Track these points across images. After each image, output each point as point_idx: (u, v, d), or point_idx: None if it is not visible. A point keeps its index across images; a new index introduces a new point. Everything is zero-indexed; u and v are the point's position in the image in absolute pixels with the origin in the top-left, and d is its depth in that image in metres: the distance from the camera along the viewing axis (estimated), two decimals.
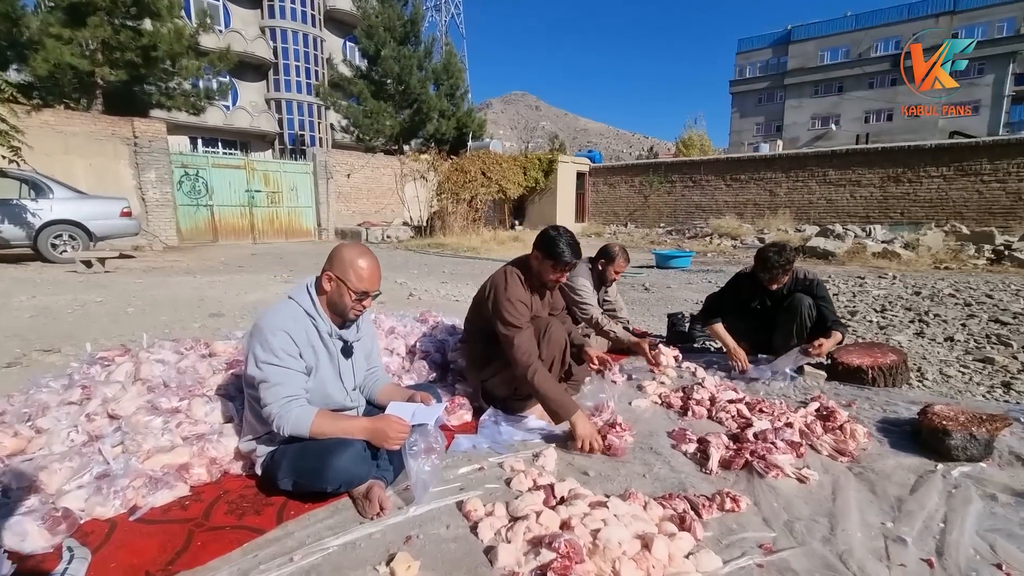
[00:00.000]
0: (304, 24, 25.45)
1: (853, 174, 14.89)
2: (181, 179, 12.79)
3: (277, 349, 1.62)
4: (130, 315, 4.20)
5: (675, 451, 2.18)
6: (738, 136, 45.59)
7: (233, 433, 1.86)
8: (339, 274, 1.71)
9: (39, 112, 10.54)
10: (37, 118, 10.43)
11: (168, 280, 6.24)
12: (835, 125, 40.85)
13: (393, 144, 20.24)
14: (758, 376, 3.01)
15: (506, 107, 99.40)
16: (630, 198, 19.04)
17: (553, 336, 2.36)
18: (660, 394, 2.78)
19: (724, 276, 7.90)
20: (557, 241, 2.30)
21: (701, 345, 3.82)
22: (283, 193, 14.83)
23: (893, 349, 3.01)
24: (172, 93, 13.00)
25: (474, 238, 13.41)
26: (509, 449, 2.17)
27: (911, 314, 4.71)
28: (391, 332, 2.99)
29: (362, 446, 1.63)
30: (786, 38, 43.70)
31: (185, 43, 12.08)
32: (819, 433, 2.29)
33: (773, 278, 2.90)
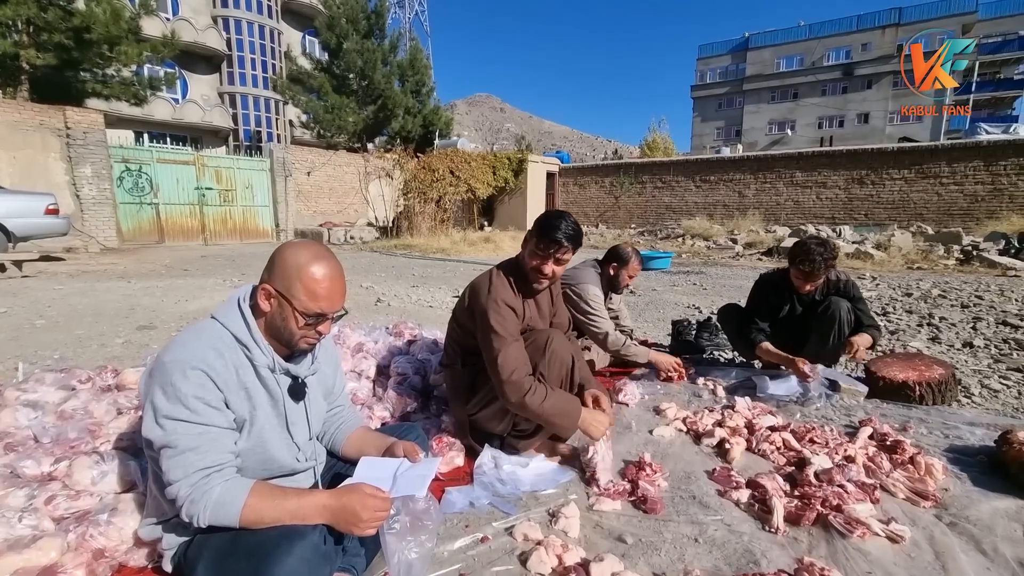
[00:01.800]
0: (260, 15, 24.22)
1: (819, 176, 15.09)
2: (122, 175, 11.70)
3: (188, 397, 1.07)
4: (37, 329, 3.48)
5: (724, 500, 1.74)
6: (700, 140, 46.46)
7: (134, 509, 1.30)
8: (282, 288, 1.18)
9: None
10: None
11: (96, 286, 5.44)
12: (791, 130, 42.14)
13: (356, 141, 19.36)
14: (787, 394, 2.62)
15: (471, 108, 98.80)
16: (600, 199, 18.83)
17: (556, 352, 1.86)
18: (684, 419, 2.34)
19: (706, 278, 7.64)
20: (553, 219, 1.83)
21: (710, 356, 3.42)
22: (237, 191, 13.84)
23: (937, 360, 2.67)
24: (109, 81, 11.86)
25: (443, 239, 12.82)
26: (517, 505, 1.68)
27: (915, 317, 4.47)
28: (359, 350, 2.44)
29: (320, 537, 1.10)
30: (744, 45, 44.84)
31: (124, 26, 11.00)
32: (887, 469, 1.89)
33: (812, 275, 2.51)
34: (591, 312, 2.74)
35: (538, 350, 1.84)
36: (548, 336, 1.87)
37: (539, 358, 1.84)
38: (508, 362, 1.74)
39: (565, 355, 1.86)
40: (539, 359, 1.84)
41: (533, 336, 1.87)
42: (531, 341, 1.85)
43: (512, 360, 1.75)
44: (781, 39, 43.10)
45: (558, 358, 1.84)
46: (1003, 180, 12.75)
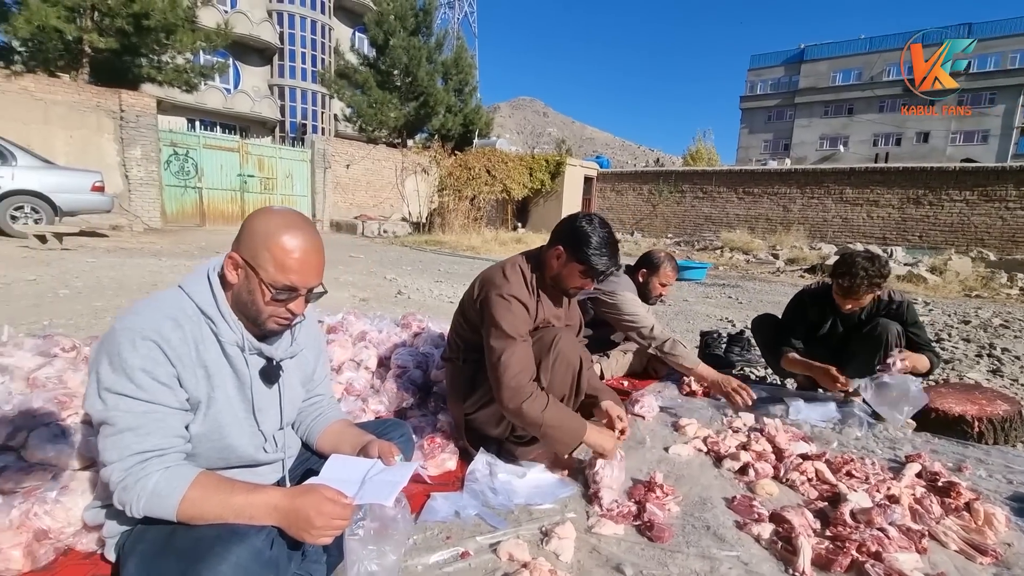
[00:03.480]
0: (313, 11, 24.88)
1: (871, 193, 14.34)
2: (169, 158, 12.11)
3: (135, 370, 0.96)
4: (60, 298, 3.53)
5: (743, 534, 1.53)
6: (746, 152, 45.18)
7: (87, 489, 1.20)
8: (248, 257, 1.04)
9: (19, 77, 9.85)
10: (16, 83, 9.75)
11: (127, 262, 5.57)
12: (843, 146, 40.51)
13: (396, 137, 19.59)
14: (823, 419, 2.37)
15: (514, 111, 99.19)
16: (638, 206, 18.44)
17: (563, 353, 1.68)
18: (706, 438, 2.13)
19: (742, 291, 7.29)
20: (590, 237, 1.65)
21: (741, 372, 3.17)
22: (277, 180, 14.16)
23: (1001, 394, 2.37)
24: (164, 67, 12.32)
25: (474, 237, 12.75)
26: (507, 519, 1.52)
27: (973, 346, 4.08)
28: (361, 338, 2.33)
29: (265, 541, 0.96)
30: (799, 57, 43.38)
31: (180, 14, 11.42)
32: (938, 514, 1.64)
33: (851, 292, 2.23)
34: (628, 312, 2.49)
35: (544, 348, 1.68)
36: (556, 334, 1.70)
37: (544, 357, 1.68)
38: (511, 364, 1.59)
39: (572, 357, 1.69)
40: (544, 358, 1.67)
41: (540, 334, 1.71)
42: (537, 338, 1.69)
43: (516, 362, 1.60)
44: (839, 51, 41.50)
45: (564, 359, 1.67)
46: None
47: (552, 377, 1.65)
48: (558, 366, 1.66)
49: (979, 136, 35.94)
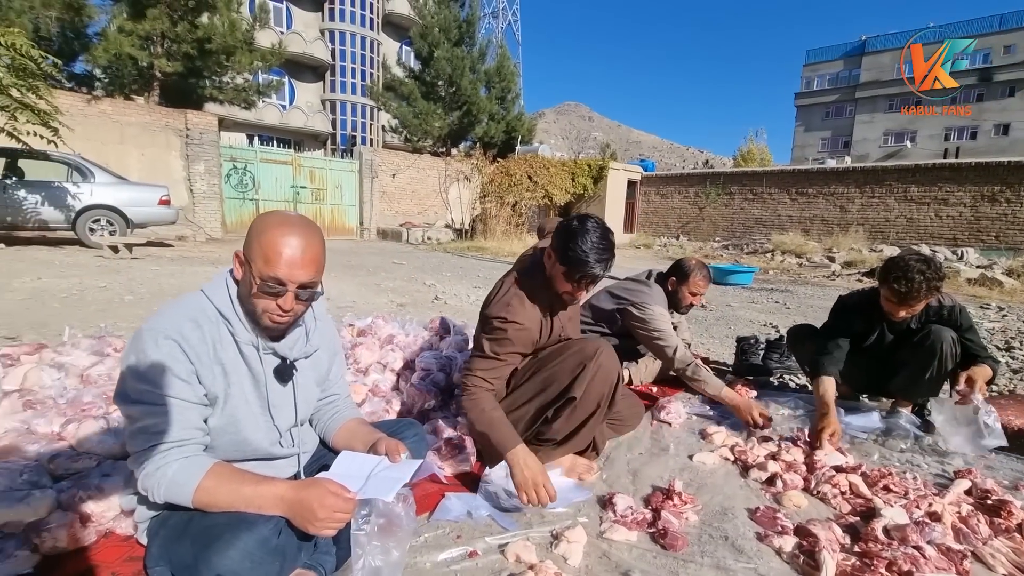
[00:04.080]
0: (362, 27, 25.87)
1: (939, 191, 13.37)
2: (229, 172, 12.88)
3: (156, 366, 1.04)
4: (125, 303, 3.84)
5: (763, 546, 1.47)
6: (801, 151, 43.21)
7: (126, 478, 1.30)
8: (246, 252, 1.11)
9: (98, 101, 10.77)
10: (96, 107, 10.67)
11: (187, 269, 5.97)
12: (910, 142, 38.01)
13: (441, 146, 20.02)
14: (865, 428, 2.24)
15: (559, 117, 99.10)
16: (683, 209, 17.98)
17: (604, 366, 1.65)
18: (733, 447, 2.06)
19: (791, 296, 6.97)
20: (577, 239, 1.56)
21: (780, 380, 3.05)
22: (327, 190, 14.77)
23: None
24: (224, 87, 13.16)
25: (516, 243, 12.82)
26: (518, 522, 1.53)
27: None
28: (389, 341, 2.41)
29: (272, 530, 1.02)
30: (860, 49, 41.16)
31: (239, 37, 12.17)
32: (985, 535, 1.52)
33: (908, 298, 2.05)
34: (655, 328, 2.41)
35: (586, 358, 1.67)
36: (598, 347, 1.69)
37: (586, 364, 1.65)
38: (478, 367, 1.70)
39: (611, 371, 1.68)
40: (583, 368, 1.65)
41: (580, 344, 1.72)
42: (577, 348, 1.70)
43: (483, 369, 1.69)
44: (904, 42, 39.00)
45: (604, 371, 1.66)
46: None
47: (589, 388, 1.65)
48: (597, 379, 1.65)
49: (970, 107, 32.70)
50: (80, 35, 11.29)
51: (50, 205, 7.57)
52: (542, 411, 1.72)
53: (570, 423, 1.70)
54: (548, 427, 1.73)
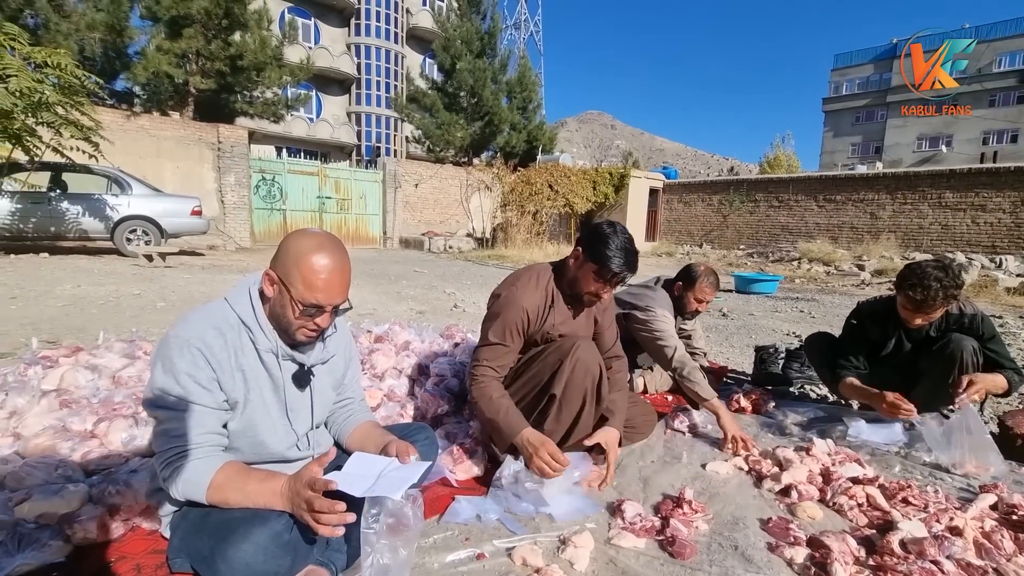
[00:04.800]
0: (387, 41, 26.47)
1: (976, 197, 12.92)
2: (258, 183, 13.29)
3: (181, 373, 1.10)
4: (158, 310, 4.00)
5: (774, 556, 1.46)
6: (830, 157, 42.24)
7: (152, 473, 1.37)
8: (282, 275, 1.16)
9: (137, 117, 11.28)
10: (135, 123, 11.17)
11: (216, 277, 6.18)
12: (946, 146, 36.83)
13: (463, 156, 20.27)
14: (886, 442, 2.19)
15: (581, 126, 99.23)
16: (707, 217, 17.76)
17: (582, 360, 1.69)
18: (747, 456, 2.04)
19: (817, 305, 6.81)
20: (608, 240, 1.68)
21: (799, 390, 2.99)
22: (352, 200, 15.09)
23: None
24: (255, 102, 13.63)
25: (536, 252, 12.86)
26: (527, 526, 1.55)
27: None
28: (405, 347, 2.46)
29: (285, 525, 1.06)
30: (891, 52, 40.14)
31: (269, 54, 12.61)
32: (1009, 551, 1.47)
33: (925, 306, 2.02)
34: (656, 328, 2.40)
35: (563, 354, 1.70)
36: (575, 343, 1.72)
37: (563, 361, 1.70)
38: (484, 355, 1.76)
39: (592, 364, 1.70)
40: (563, 361, 1.70)
41: (559, 342, 1.74)
42: (556, 346, 1.73)
43: (489, 356, 1.75)
44: (939, 43, 37.99)
45: (583, 365, 1.69)
46: None
47: (570, 382, 1.67)
48: (576, 373, 1.67)
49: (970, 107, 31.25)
50: (121, 54, 11.86)
51: (91, 216, 7.94)
52: (529, 412, 1.75)
53: (560, 423, 1.72)
54: (540, 430, 1.75)
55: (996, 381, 2.02)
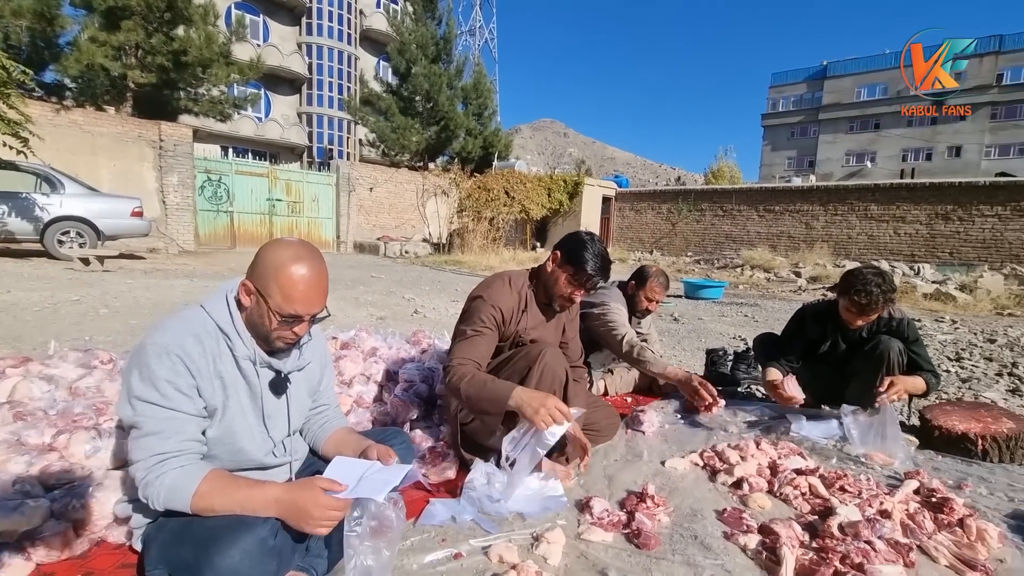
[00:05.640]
0: (340, 42, 25.94)
1: (897, 210, 14.07)
2: (203, 184, 12.72)
3: (160, 380, 1.09)
4: (100, 316, 3.78)
5: (729, 544, 1.58)
6: (769, 169, 44.70)
7: (118, 487, 1.34)
8: (260, 286, 1.17)
9: (68, 111, 10.56)
10: (66, 117, 10.45)
11: (162, 283, 5.88)
12: (871, 162, 39.75)
13: (418, 160, 20.12)
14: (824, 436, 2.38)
15: (534, 133, 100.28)
16: (657, 225, 18.43)
17: (549, 366, 1.77)
18: (702, 452, 2.18)
19: (760, 310, 7.23)
20: (586, 246, 1.80)
21: (747, 390, 3.19)
22: (304, 203, 14.69)
23: (1009, 413, 2.35)
24: (200, 99, 13.03)
25: (493, 257, 12.94)
26: (501, 525, 1.60)
27: (995, 365, 4.00)
28: (372, 354, 2.46)
29: (270, 531, 1.08)
30: (822, 73, 43.05)
31: (216, 50, 12.11)
32: (930, 530, 1.66)
33: (868, 309, 2.23)
34: (609, 321, 2.55)
35: (531, 361, 1.78)
36: (542, 349, 1.80)
37: (531, 368, 1.77)
38: (458, 349, 1.77)
39: (558, 369, 1.78)
40: (531, 369, 1.77)
41: (527, 348, 1.81)
42: (524, 352, 1.79)
43: (462, 349, 1.75)
44: (863, 67, 41.02)
45: (550, 371, 1.76)
46: None
47: (539, 386, 1.74)
48: (544, 378, 1.74)
49: (1016, 149, 34.86)
50: (51, 44, 11.07)
51: (17, 216, 7.36)
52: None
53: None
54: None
55: (915, 383, 2.25)
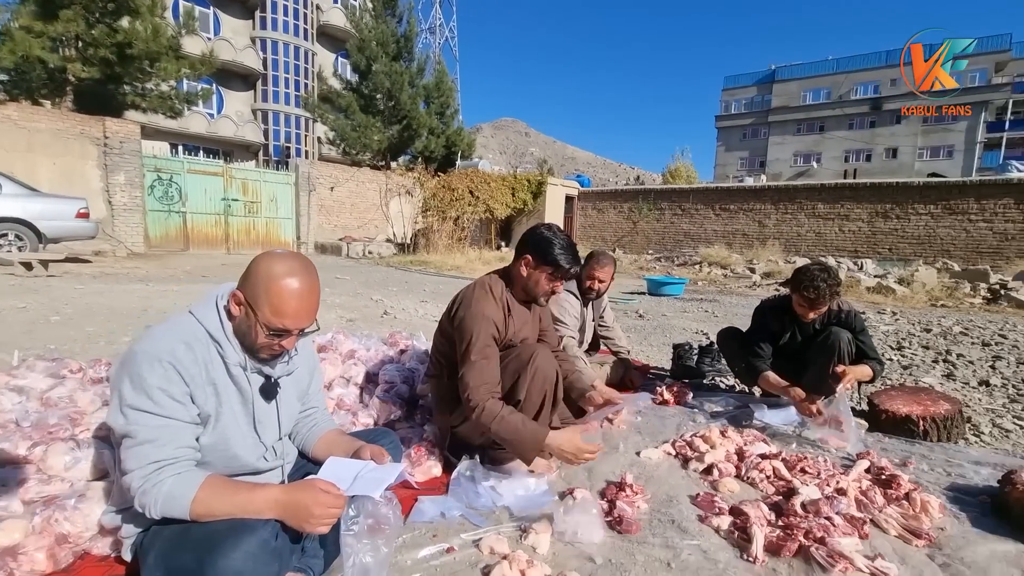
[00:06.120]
0: (296, 37, 25.23)
1: (842, 208, 14.87)
2: (153, 183, 12.14)
3: (153, 388, 1.09)
4: (52, 324, 3.60)
5: (704, 526, 1.68)
6: (723, 169, 46.28)
7: (101, 497, 1.31)
8: (250, 298, 1.18)
9: (2, 106, 9.89)
10: None
11: (114, 287, 5.61)
12: (816, 163, 41.75)
13: (380, 159, 19.82)
14: (784, 423, 2.54)
15: (496, 132, 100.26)
16: (619, 224, 18.83)
17: (540, 367, 1.83)
18: (674, 442, 2.29)
19: (719, 305, 7.53)
20: (553, 242, 1.84)
21: (711, 381, 3.35)
22: (262, 203, 14.23)
23: (944, 396, 2.57)
24: (148, 95, 12.43)
25: (459, 257, 12.92)
26: (489, 519, 1.66)
27: (931, 353, 4.32)
28: (351, 356, 2.46)
29: (271, 533, 1.09)
30: (771, 77, 44.89)
31: (164, 43, 11.58)
32: (880, 504, 1.81)
33: (817, 303, 2.43)
34: (561, 323, 2.71)
35: (522, 364, 1.82)
36: (533, 351, 1.85)
37: (522, 372, 1.82)
38: (468, 381, 1.73)
39: (549, 371, 1.84)
40: (522, 373, 1.82)
41: (518, 351, 1.86)
42: (515, 355, 1.84)
43: (472, 378, 1.73)
44: (808, 72, 43.04)
45: (541, 373, 1.82)
46: None
47: (530, 390, 1.80)
48: (535, 380, 1.80)
49: (945, 151, 37.37)
50: None
51: None
52: None
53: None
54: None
55: (863, 371, 2.45)
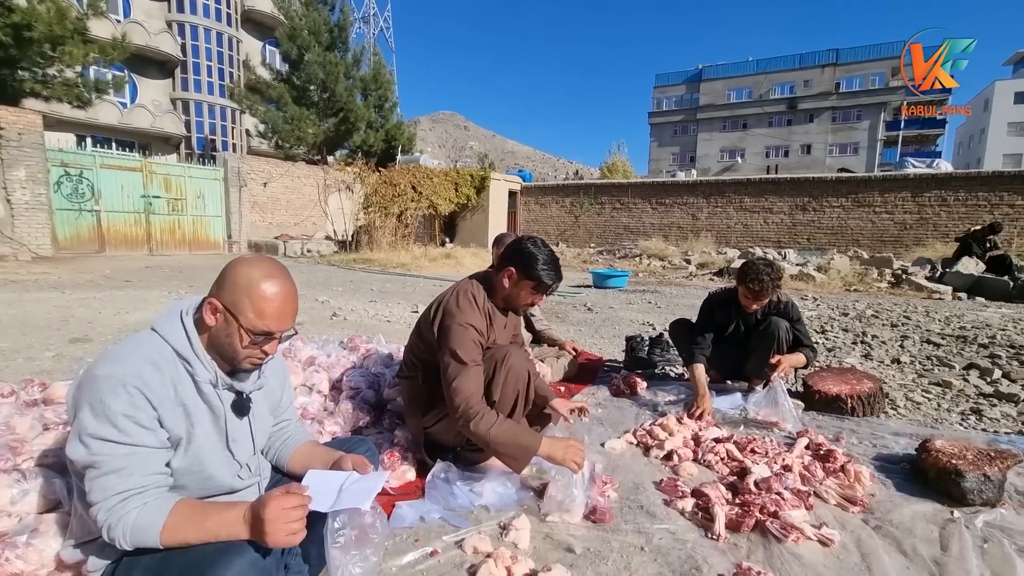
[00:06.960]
0: (218, 22, 23.66)
1: (766, 202, 15.89)
2: (60, 179, 11.08)
3: (118, 416, 1.02)
4: None
5: (670, 509, 1.79)
6: (657, 164, 48.13)
7: (57, 531, 1.22)
8: (229, 304, 1.14)
9: None
10: None
11: (24, 297, 5.09)
12: (740, 158, 44.32)
13: (316, 154, 19.07)
14: (731, 408, 2.73)
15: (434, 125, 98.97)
16: (561, 218, 19.16)
17: (513, 368, 1.87)
18: (635, 432, 2.40)
19: (661, 296, 7.87)
20: (536, 257, 1.85)
21: (662, 371, 3.52)
22: (187, 200, 13.33)
23: (867, 375, 2.85)
24: (50, 82, 11.26)
25: (404, 254, 12.70)
26: (468, 519, 1.68)
27: (850, 335, 4.75)
28: (311, 363, 2.39)
29: (260, 551, 1.06)
30: (698, 76, 47.07)
31: (69, 26, 10.51)
32: (820, 477, 2.00)
33: (760, 294, 2.62)
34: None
35: (495, 364, 1.85)
36: (506, 352, 1.88)
37: (496, 372, 1.85)
38: (461, 388, 1.74)
39: (521, 370, 1.87)
40: (495, 373, 1.85)
41: (491, 351, 1.88)
42: (488, 356, 1.86)
43: (465, 387, 1.74)
44: (732, 72, 45.51)
45: (514, 373, 1.85)
46: (927, 210, 13.81)
47: (503, 389, 1.83)
48: (508, 380, 1.84)
49: (851, 148, 40.76)
50: None
51: None
52: None
53: None
54: None
55: (798, 359, 2.69)
